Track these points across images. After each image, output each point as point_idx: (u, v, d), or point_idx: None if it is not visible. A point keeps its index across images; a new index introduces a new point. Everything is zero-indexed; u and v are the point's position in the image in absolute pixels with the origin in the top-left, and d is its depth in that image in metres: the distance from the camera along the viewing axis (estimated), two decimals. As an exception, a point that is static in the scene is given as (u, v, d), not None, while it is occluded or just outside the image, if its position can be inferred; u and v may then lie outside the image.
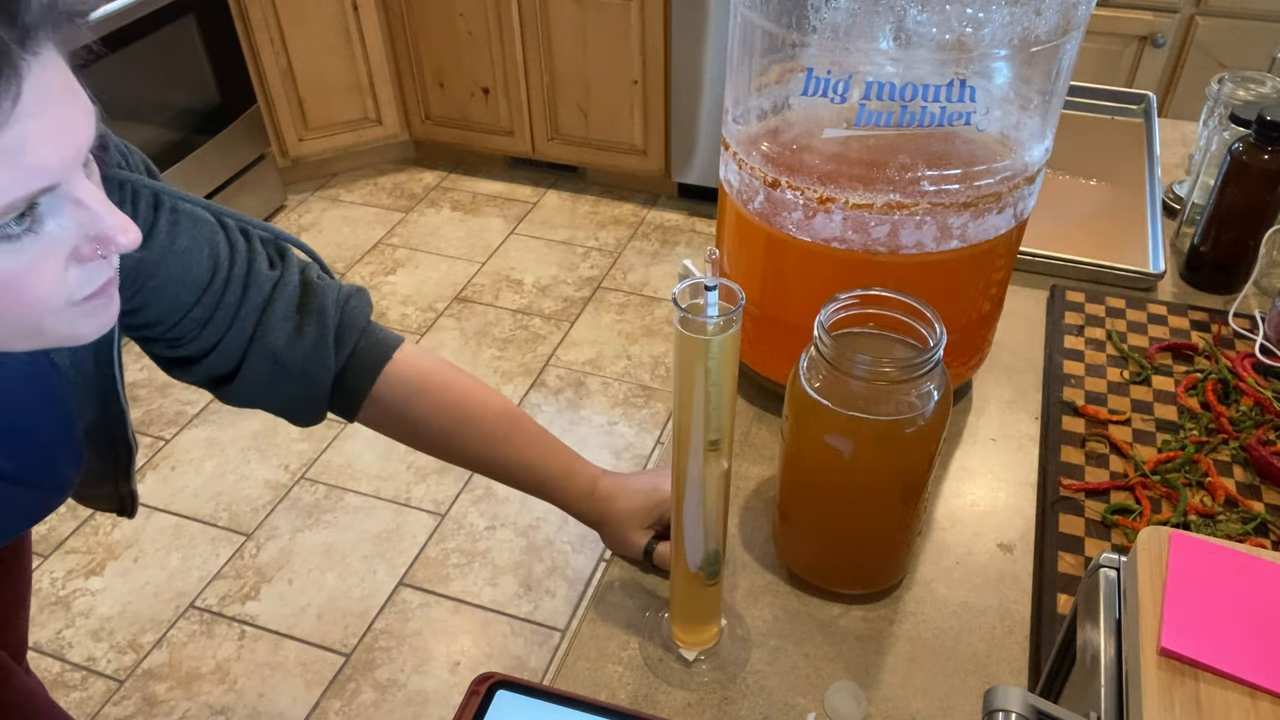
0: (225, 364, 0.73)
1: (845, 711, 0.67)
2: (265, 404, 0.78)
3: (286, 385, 0.76)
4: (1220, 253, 1.05)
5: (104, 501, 0.84)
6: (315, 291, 0.75)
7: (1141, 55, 2.42)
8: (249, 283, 0.72)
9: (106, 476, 0.79)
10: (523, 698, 0.57)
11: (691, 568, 0.65)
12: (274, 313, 0.73)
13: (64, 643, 1.78)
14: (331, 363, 0.76)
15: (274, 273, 0.74)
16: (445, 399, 0.79)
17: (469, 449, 0.80)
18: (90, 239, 0.50)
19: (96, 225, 0.50)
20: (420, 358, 0.80)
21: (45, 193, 0.46)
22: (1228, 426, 0.86)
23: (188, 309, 0.70)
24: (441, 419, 0.79)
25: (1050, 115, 0.77)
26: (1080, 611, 0.51)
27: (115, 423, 0.73)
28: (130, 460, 0.79)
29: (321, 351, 0.75)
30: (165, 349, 0.73)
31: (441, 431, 0.80)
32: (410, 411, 0.79)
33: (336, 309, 0.76)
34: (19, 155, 0.44)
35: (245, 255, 0.72)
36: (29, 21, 0.43)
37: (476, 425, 0.79)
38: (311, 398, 0.77)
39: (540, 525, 1.98)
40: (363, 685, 1.70)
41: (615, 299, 2.62)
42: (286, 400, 0.78)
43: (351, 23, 2.84)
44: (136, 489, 0.84)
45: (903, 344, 0.67)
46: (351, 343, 0.77)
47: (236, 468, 2.13)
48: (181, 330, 0.70)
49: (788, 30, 0.72)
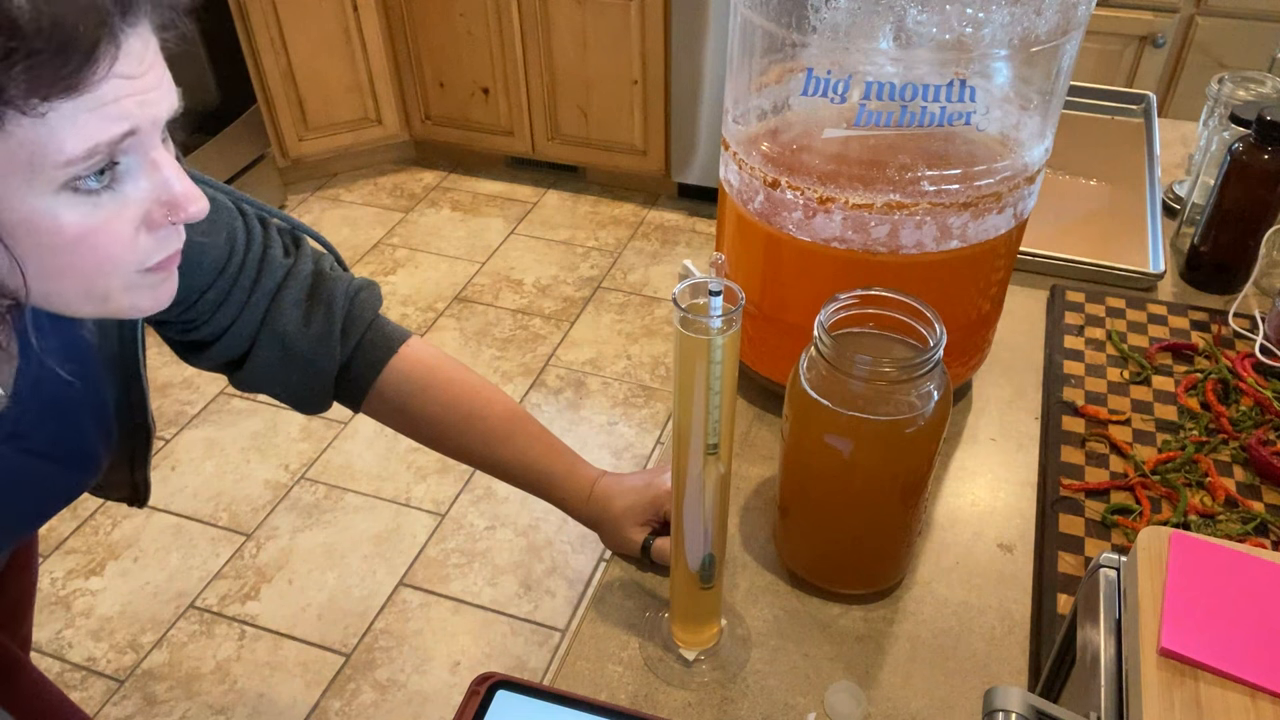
0: (236, 348, 0.75)
1: (845, 711, 0.67)
2: (273, 390, 0.79)
3: (293, 372, 0.77)
4: (1220, 253, 1.05)
5: (118, 489, 0.85)
6: (326, 281, 0.77)
7: (1141, 55, 2.42)
8: (263, 268, 0.74)
9: (123, 461, 0.80)
10: (523, 698, 0.57)
11: (692, 567, 0.65)
12: (285, 298, 0.75)
13: (64, 643, 1.78)
14: (337, 353, 0.77)
15: (288, 260, 0.76)
16: (449, 395, 0.80)
17: (471, 446, 0.81)
18: (162, 204, 0.53)
19: (169, 190, 0.53)
20: (426, 353, 0.81)
21: (128, 138, 0.50)
22: (1228, 426, 0.86)
23: (203, 291, 0.71)
24: (445, 414, 0.80)
25: (1050, 115, 0.77)
26: (1080, 611, 0.51)
27: (137, 404, 0.75)
28: (148, 444, 0.80)
29: (328, 341, 0.76)
30: (179, 332, 0.74)
31: (444, 427, 0.80)
32: (414, 406, 0.79)
33: (345, 300, 0.77)
34: (111, 105, 0.48)
35: (261, 241, 0.74)
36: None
37: (479, 422, 0.80)
38: (316, 387, 0.78)
39: (540, 525, 1.98)
40: (363, 685, 1.70)
41: (615, 299, 2.62)
42: (293, 387, 0.79)
43: (351, 23, 2.84)
44: (150, 477, 0.85)
45: (903, 344, 0.67)
46: (358, 334, 0.78)
47: (236, 468, 2.13)
48: (196, 313, 0.72)
49: (788, 30, 0.72)
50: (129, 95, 0.49)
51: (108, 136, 0.49)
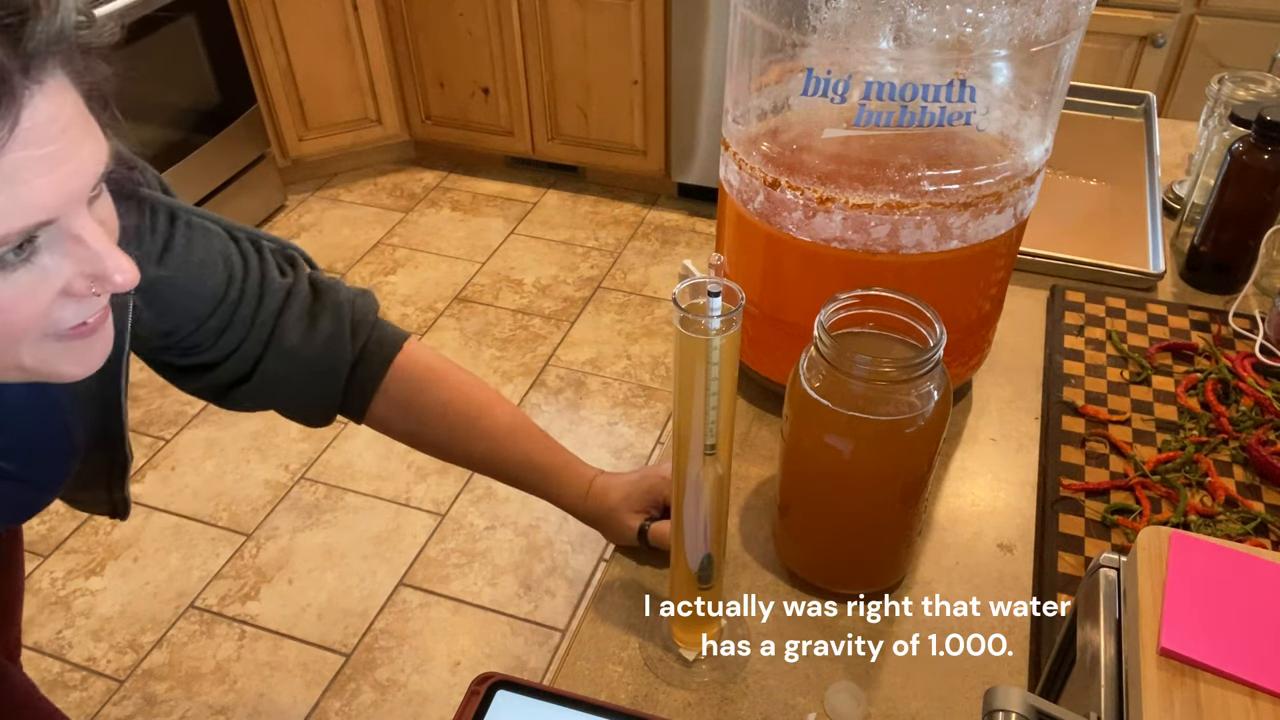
0: (241, 368, 0.75)
1: (845, 711, 0.67)
2: (280, 402, 0.79)
3: (303, 379, 0.77)
4: (1220, 253, 1.05)
5: (96, 505, 0.85)
6: (326, 290, 0.77)
7: (1141, 55, 2.42)
8: (264, 290, 0.74)
9: (100, 483, 0.80)
10: (523, 698, 0.57)
11: (691, 567, 0.66)
12: (289, 317, 0.75)
13: (64, 643, 1.78)
14: (348, 353, 0.77)
15: (286, 280, 0.76)
16: (452, 392, 0.80)
17: (473, 447, 0.81)
18: (86, 276, 0.48)
19: (95, 265, 0.48)
20: (427, 353, 0.81)
21: (42, 227, 0.44)
22: (1228, 426, 0.86)
23: (204, 319, 0.71)
24: (448, 414, 0.80)
25: (1050, 115, 0.77)
26: (1080, 611, 0.51)
27: (114, 434, 0.74)
28: (125, 469, 0.79)
29: (338, 342, 0.76)
30: (177, 357, 0.74)
31: (447, 424, 0.80)
32: (418, 404, 0.79)
33: (348, 303, 0.78)
34: (15, 186, 0.41)
35: (258, 265, 0.74)
36: (33, 49, 0.41)
37: (482, 420, 0.80)
38: (327, 391, 0.78)
39: (540, 525, 1.98)
40: (363, 685, 1.70)
41: (615, 299, 2.62)
42: (301, 396, 0.78)
43: (351, 23, 2.84)
44: (129, 495, 0.84)
45: (903, 344, 0.67)
46: (365, 335, 0.78)
47: (236, 468, 2.13)
48: (197, 339, 0.72)
49: (788, 30, 0.72)
50: (39, 175, 0.42)
51: (18, 226, 0.42)
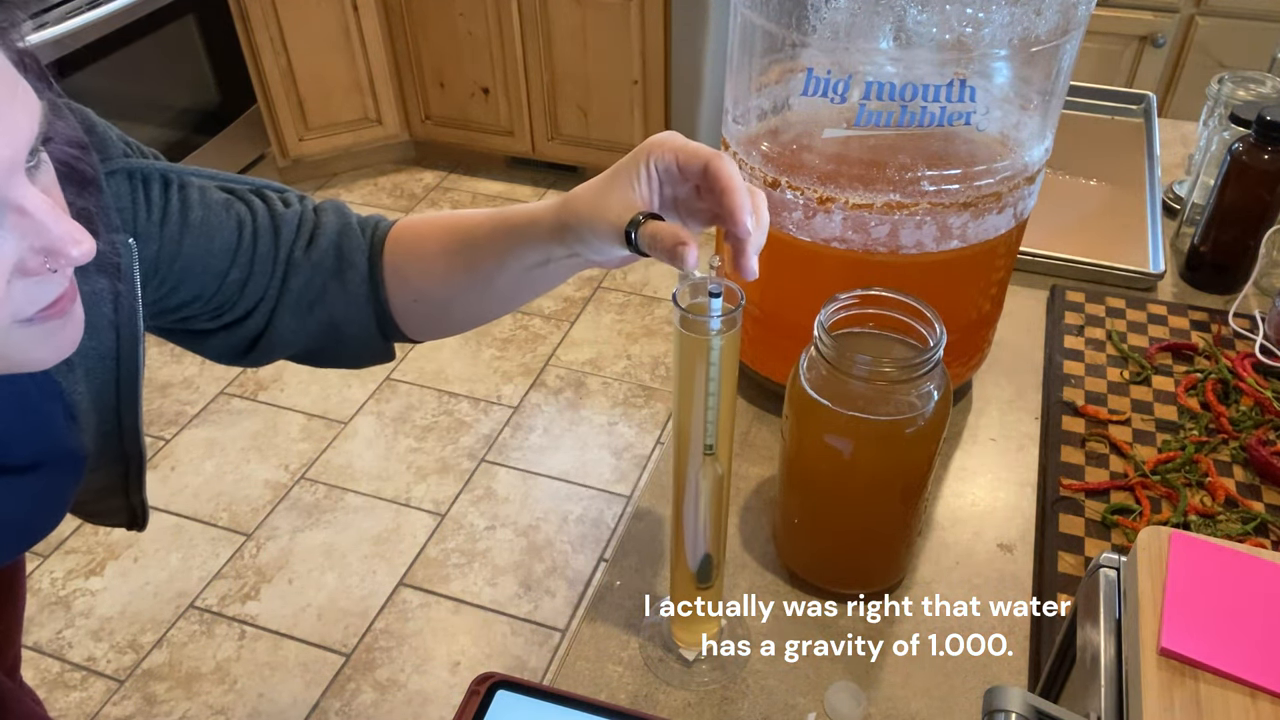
0: (270, 307, 0.73)
1: (845, 711, 0.67)
2: (314, 320, 0.75)
3: (330, 284, 0.74)
4: (1220, 253, 1.05)
5: (114, 515, 0.82)
6: (324, 208, 0.76)
7: (1141, 55, 2.42)
8: (277, 226, 0.72)
9: (116, 489, 0.78)
10: (523, 698, 0.57)
11: (692, 567, 0.65)
12: (301, 240, 0.73)
13: (64, 643, 1.78)
14: (363, 244, 0.75)
15: (291, 210, 0.74)
16: (441, 225, 0.76)
17: (479, 257, 0.73)
18: (38, 251, 0.45)
19: (43, 236, 0.44)
20: (410, 218, 0.80)
21: None
22: (1228, 426, 0.86)
23: (224, 274, 0.69)
24: (447, 240, 0.75)
25: (1050, 115, 0.77)
26: (1080, 611, 0.51)
27: (129, 431, 0.72)
28: (141, 469, 0.78)
29: (350, 234, 0.75)
30: (208, 321, 0.72)
31: (452, 253, 0.75)
32: (422, 250, 0.76)
33: (342, 208, 0.77)
34: None
35: (263, 207, 0.73)
36: None
37: (473, 230, 0.74)
38: (356, 291, 0.74)
39: (540, 525, 1.98)
40: (363, 685, 1.70)
41: (615, 299, 2.62)
42: (336, 304, 0.75)
43: (351, 23, 2.84)
44: (147, 499, 0.83)
45: (903, 344, 0.67)
46: (371, 225, 0.77)
47: (236, 468, 2.13)
48: (223, 297, 0.70)
49: (788, 30, 0.72)
50: None
51: None
